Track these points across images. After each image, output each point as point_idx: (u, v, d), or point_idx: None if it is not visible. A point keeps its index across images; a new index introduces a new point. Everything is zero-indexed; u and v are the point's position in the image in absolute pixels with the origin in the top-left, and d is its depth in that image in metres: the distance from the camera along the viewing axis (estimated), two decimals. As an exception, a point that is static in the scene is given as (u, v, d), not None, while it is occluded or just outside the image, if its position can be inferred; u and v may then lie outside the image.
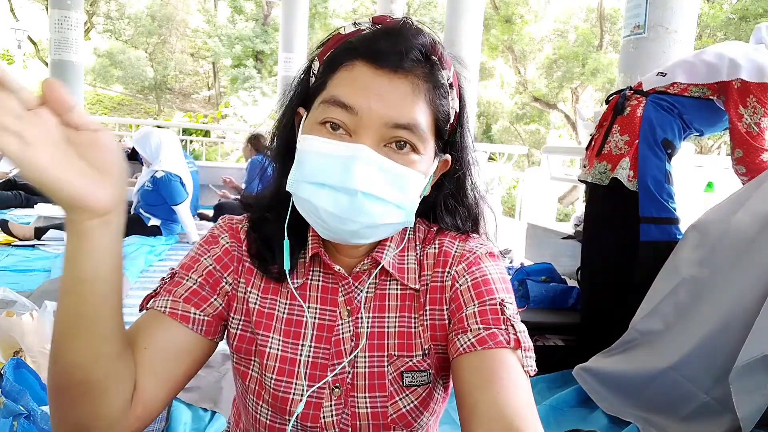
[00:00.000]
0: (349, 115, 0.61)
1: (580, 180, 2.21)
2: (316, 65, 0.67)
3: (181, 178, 3.85)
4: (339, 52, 0.64)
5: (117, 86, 21.13)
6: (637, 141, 1.96)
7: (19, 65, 14.94)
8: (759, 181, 1.73)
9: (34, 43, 18.03)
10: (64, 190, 0.46)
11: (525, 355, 0.63)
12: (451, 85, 0.67)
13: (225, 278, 0.70)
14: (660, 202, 1.93)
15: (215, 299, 0.69)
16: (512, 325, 0.64)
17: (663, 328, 1.71)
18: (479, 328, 0.64)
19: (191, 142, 9.10)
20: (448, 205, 0.75)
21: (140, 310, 0.67)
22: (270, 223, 0.72)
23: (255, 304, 0.71)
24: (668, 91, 1.99)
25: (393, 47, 0.61)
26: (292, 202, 0.66)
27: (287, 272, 0.68)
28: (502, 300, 0.66)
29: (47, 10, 7.22)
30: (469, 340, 0.63)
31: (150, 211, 3.87)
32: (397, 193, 0.62)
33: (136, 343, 0.62)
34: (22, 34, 13.84)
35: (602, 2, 15.19)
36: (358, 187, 0.59)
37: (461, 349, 0.63)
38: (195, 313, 0.66)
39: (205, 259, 0.71)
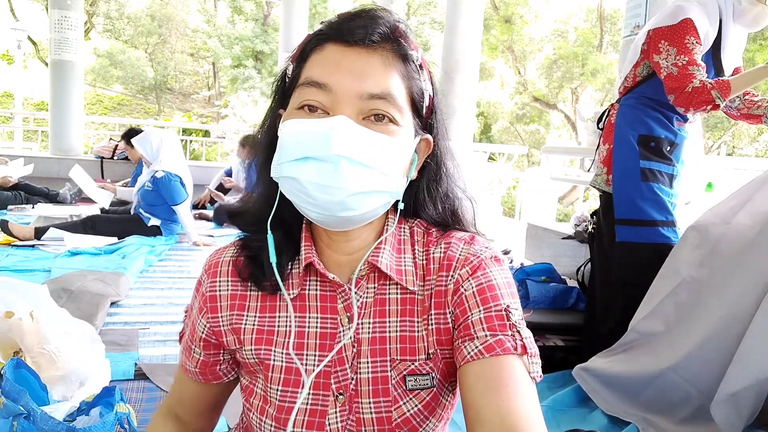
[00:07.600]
0: (324, 94, 0.62)
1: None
2: (290, 68, 0.69)
3: (181, 178, 3.85)
4: (308, 42, 0.67)
5: (117, 86, 21.12)
6: (612, 146, 2.00)
7: (19, 65, 14.89)
8: (760, 181, 1.73)
9: (34, 43, 18.02)
10: None
11: (531, 361, 0.63)
12: (421, 66, 0.68)
13: (222, 327, 0.73)
14: (634, 204, 1.92)
15: (222, 355, 0.77)
16: (518, 331, 0.64)
17: (663, 329, 1.71)
18: (486, 335, 0.63)
19: (191, 142, 9.09)
20: (431, 190, 0.75)
21: (179, 341, 0.82)
22: (256, 235, 0.73)
23: (254, 325, 0.71)
24: (630, 86, 2.01)
25: (359, 25, 0.63)
26: (280, 192, 0.67)
27: (275, 271, 0.68)
28: (508, 306, 0.66)
29: (47, 10, 7.21)
30: (477, 347, 0.63)
31: (150, 211, 3.87)
32: (380, 160, 0.63)
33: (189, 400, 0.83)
34: (22, 34, 13.83)
35: (602, 2, 15.18)
36: (339, 152, 0.60)
37: (468, 356, 0.63)
38: (211, 377, 0.79)
39: (200, 321, 0.75)
